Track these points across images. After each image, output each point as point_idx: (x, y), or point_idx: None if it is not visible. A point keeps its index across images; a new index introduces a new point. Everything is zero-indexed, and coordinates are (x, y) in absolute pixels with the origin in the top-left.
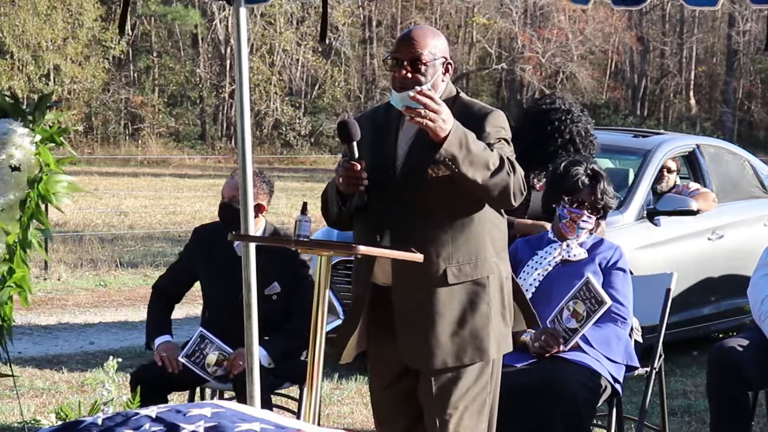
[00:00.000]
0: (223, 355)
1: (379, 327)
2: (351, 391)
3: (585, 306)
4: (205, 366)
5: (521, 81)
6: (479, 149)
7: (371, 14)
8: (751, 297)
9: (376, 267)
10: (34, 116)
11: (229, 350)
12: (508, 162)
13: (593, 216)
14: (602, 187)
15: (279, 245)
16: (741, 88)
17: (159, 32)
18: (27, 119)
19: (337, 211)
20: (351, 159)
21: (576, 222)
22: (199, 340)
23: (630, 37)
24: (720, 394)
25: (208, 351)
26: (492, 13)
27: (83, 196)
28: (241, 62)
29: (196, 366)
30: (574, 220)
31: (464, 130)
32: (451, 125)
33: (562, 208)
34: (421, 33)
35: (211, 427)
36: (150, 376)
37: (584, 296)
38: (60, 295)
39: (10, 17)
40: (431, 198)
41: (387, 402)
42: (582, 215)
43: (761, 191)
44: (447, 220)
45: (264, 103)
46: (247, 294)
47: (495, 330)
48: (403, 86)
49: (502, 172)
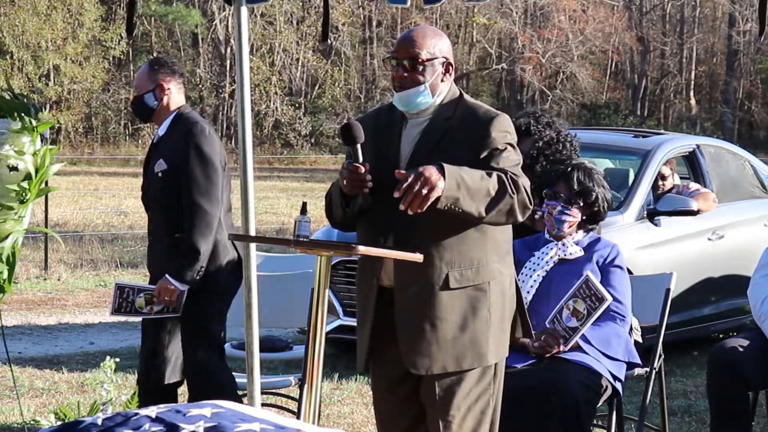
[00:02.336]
0: (149, 294)
1: (382, 328)
2: (351, 391)
3: (585, 304)
4: (137, 311)
5: (521, 81)
6: (476, 181)
7: (371, 14)
8: (752, 297)
9: (381, 269)
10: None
11: (152, 287)
12: (509, 181)
13: (572, 207)
14: (577, 177)
15: (279, 245)
16: (741, 88)
17: (159, 32)
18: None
19: (342, 213)
20: (355, 161)
21: (552, 214)
22: (119, 292)
23: (630, 37)
24: (720, 394)
25: (133, 297)
26: (492, 13)
27: (83, 196)
28: (242, 62)
29: (130, 314)
30: (550, 212)
31: (456, 170)
32: (442, 175)
33: (543, 206)
34: (421, 33)
35: (211, 427)
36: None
37: (584, 294)
38: (60, 295)
39: (10, 17)
40: None
41: (389, 403)
42: (556, 206)
43: (761, 191)
44: (450, 224)
45: (264, 103)
46: (247, 294)
47: (495, 336)
48: (401, 86)
49: (504, 195)
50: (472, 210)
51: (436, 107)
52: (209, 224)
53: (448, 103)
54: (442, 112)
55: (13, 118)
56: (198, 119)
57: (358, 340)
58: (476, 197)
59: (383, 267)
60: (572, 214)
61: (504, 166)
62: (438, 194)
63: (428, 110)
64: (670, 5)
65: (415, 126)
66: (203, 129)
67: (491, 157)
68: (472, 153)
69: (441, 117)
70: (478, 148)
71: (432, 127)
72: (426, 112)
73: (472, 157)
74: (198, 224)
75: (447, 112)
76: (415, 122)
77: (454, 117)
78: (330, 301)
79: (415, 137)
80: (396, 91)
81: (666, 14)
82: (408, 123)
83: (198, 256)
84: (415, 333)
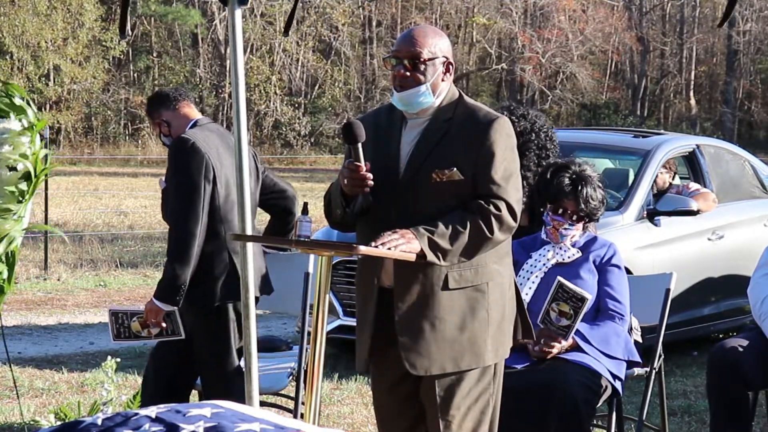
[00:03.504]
0: (141, 316)
1: (382, 328)
2: (351, 391)
3: (569, 305)
4: (136, 335)
5: (521, 81)
6: (449, 238)
7: (371, 14)
8: (752, 297)
9: (381, 270)
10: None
11: (141, 308)
12: (486, 221)
13: (577, 223)
14: (586, 194)
15: (279, 245)
16: (741, 88)
17: (159, 32)
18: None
19: (341, 213)
20: (356, 160)
21: (558, 230)
22: (114, 318)
23: (630, 37)
24: (720, 394)
25: (128, 321)
26: (492, 13)
27: (83, 195)
28: (236, 64)
29: (131, 339)
30: (556, 228)
31: (427, 236)
32: (417, 238)
33: (546, 215)
34: (422, 32)
35: (211, 427)
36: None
37: (564, 297)
38: (60, 295)
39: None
40: (433, 201)
41: (389, 403)
42: (564, 223)
43: (761, 191)
44: None
45: (264, 103)
46: (245, 294)
47: (493, 337)
48: (402, 85)
49: (482, 240)
50: (455, 261)
51: (436, 108)
52: (182, 243)
53: (447, 104)
54: (442, 113)
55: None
56: (188, 135)
57: (357, 341)
58: (455, 251)
59: (383, 268)
60: (577, 227)
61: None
62: (409, 246)
63: (428, 111)
64: (670, 5)
65: (414, 126)
66: (183, 142)
67: (486, 165)
68: (471, 155)
69: (441, 118)
70: (477, 150)
71: (432, 127)
72: (426, 113)
73: (469, 158)
74: (172, 246)
75: (447, 113)
76: (414, 123)
77: (454, 118)
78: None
79: (414, 138)
80: (396, 90)
81: (666, 14)
82: (408, 123)
83: (175, 279)
84: (415, 333)
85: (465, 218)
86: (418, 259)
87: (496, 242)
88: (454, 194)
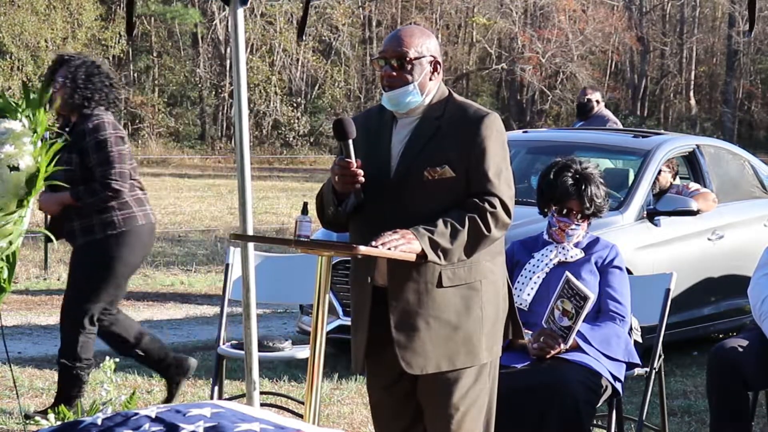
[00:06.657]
0: None
1: (377, 328)
2: (351, 391)
3: (572, 303)
4: None
5: (521, 81)
6: (449, 237)
7: (371, 14)
8: (752, 297)
9: (375, 269)
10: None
11: None
12: (482, 219)
13: (583, 222)
14: (590, 193)
15: (279, 245)
16: (741, 88)
17: (159, 32)
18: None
19: (333, 212)
20: (346, 157)
21: (565, 231)
22: None
23: (630, 37)
24: (720, 394)
25: None
26: (492, 13)
27: None
28: (239, 63)
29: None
30: (562, 229)
31: (428, 236)
32: (417, 238)
33: (551, 216)
34: (408, 32)
35: (211, 427)
36: None
37: (569, 294)
38: (60, 295)
39: (9, 17)
40: (426, 199)
41: (386, 402)
42: (570, 224)
43: (761, 191)
44: None
45: (264, 103)
46: (246, 294)
47: (488, 335)
48: (390, 85)
49: (481, 238)
50: (454, 259)
51: (426, 107)
52: None
53: (437, 103)
54: (432, 112)
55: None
56: None
57: (353, 341)
58: (456, 251)
59: (377, 267)
60: (582, 227)
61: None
62: (409, 246)
63: (417, 110)
64: (670, 5)
65: (404, 126)
66: None
67: (478, 162)
68: (462, 152)
69: (431, 116)
70: (468, 147)
71: (422, 126)
72: (415, 112)
73: (461, 156)
74: None
75: (436, 111)
76: (404, 122)
77: (444, 116)
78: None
79: (405, 137)
80: (385, 90)
81: (666, 14)
82: (398, 123)
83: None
84: (411, 332)
85: (463, 216)
86: (419, 259)
87: (492, 240)
88: (446, 192)
